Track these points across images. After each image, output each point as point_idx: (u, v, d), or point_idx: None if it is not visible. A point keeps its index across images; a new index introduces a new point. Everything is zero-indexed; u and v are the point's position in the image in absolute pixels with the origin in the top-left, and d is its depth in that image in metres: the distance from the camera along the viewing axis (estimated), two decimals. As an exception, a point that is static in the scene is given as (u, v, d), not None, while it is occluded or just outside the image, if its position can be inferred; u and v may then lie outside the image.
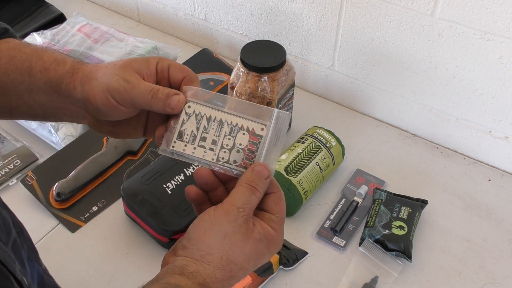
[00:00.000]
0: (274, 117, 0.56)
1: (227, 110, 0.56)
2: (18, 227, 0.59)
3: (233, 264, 0.51)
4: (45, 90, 0.57)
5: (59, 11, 1.25)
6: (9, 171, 0.93)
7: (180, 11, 1.24)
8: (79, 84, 0.56)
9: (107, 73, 0.55)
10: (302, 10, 1.03)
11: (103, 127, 0.59)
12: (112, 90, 0.54)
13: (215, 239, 0.50)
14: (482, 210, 0.90)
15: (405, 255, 0.81)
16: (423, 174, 0.96)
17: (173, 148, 0.55)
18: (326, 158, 0.90)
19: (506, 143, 0.95)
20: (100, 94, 0.55)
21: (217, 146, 0.55)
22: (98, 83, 0.55)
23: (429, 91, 0.98)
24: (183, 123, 0.56)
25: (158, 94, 0.54)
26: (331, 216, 0.88)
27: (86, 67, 0.57)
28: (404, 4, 0.90)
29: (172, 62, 0.58)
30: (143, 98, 0.54)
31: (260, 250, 0.52)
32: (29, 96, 0.58)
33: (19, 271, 0.51)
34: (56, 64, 0.57)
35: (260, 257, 0.53)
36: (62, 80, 0.57)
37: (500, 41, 0.84)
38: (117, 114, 0.56)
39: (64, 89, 0.57)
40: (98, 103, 0.55)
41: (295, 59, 1.12)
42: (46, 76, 0.57)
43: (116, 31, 1.16)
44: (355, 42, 1.00)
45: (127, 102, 0.55)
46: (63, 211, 0.88)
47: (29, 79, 0.57)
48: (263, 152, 0.55)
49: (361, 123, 1.07)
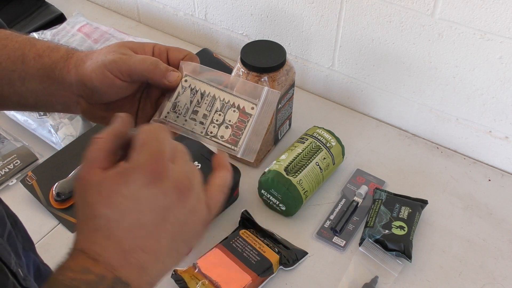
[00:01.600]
0: (263, 96, 0.58)
1: (222, 88, 0.58)
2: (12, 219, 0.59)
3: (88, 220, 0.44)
4: (38, 77, 0.57)
5: (59, 11, 1.25)
6: (9, 171, 0.93)
7: (180, 11, 1.24)
8: (73, 67, 0.56)
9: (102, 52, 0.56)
10: (302, 10, 1.03)
11: (96, 112, 0.59)
12: (108, 63, 0.54)
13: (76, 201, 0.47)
14: (482, 210, 0.90)
15: (405, 255, 0.81)
16: (423, 174, 0.96)
17: (165, 118, 0.57)
18: (326, 158, 0.90)
19: (506, 143, 0.95)
20: (95, 70, 0.54)
21: (207, 121, 0.57)
22: (93, 61, 0.55)
23: (429, 91, 0.98)
24: (178, 96, 0.58)
25: (159, 64, 0.55)
26: (331, 216, 0.88)
27: (80, 53, 0.57)
28: (404, 4, 0.90)
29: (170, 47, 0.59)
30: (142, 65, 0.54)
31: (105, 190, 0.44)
32: (21, 84, 0.57)
33: (14, 263, 0.51)
34: (49, 51, 0.57)
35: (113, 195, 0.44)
36: (56, 65, 0.56)
37: (500, 41, 0.84)
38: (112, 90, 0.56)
39: (57, 74, 0.56)
40: (93, 80, 0.55)
41: (295, 59, 1.12)
42: (39, 63, 0.56)
43: (116, 31, 1.16)
44: (355, 42, 1.00)
45: (124, 72, 0.54)
46: (63, 211, 0.88)
47: (21, 67, 0.56)
48: (249, 130, 0.57)
49: (361, 123, 1.07)
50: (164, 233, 0.45)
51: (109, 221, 0.43)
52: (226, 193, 0.51)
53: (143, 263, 0.44)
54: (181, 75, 0.58)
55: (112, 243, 0.43)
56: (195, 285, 0.74)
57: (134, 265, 0.43)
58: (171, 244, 0.45)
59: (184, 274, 0.76)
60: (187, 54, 0.59)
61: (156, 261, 0.44)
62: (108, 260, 0.42)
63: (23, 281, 0.51)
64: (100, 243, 0.43)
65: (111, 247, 0.43)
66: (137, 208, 0.44)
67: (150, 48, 0.58)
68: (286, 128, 1.02)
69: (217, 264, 0.77)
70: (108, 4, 1.37)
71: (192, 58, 0.59)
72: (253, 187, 0.91)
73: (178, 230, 0.46)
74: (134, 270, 0.43)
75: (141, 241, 0.44)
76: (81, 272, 0.41)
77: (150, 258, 0.44)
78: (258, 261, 0.78)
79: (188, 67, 0.58)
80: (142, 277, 0.44)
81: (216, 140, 0.57)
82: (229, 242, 0.81)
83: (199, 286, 0.74)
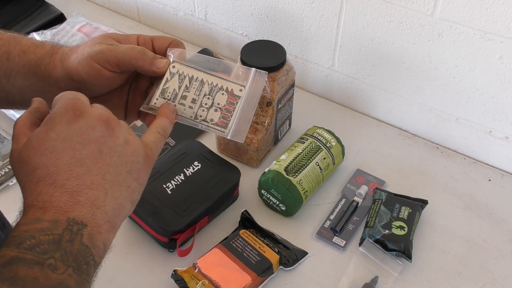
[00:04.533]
0: (251, 77, 0.59)
1: (210, 72, 0.59)
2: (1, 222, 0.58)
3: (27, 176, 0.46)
4: (23, 73, 0.57)
5: (59, 11, 1.25)
6: (9, 171, 0.93)
7: (180, 11, 1.24)
8: (59, 62, 0.56)
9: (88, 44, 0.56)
10: (302, 10, 1.03)
11: None
12: (95, 54, 0.54)
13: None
14: (482, 210, 0.90)
15: (405, 255, 0.81)
16: (423, 174, 0.96)
17: (154, 104, 0.58)
18: (326, 158, 0.90)
19: (506, 143, 0.95)
20: (81, 63, 0.55)
21: (196, 105, 0.58)
22: (78, 54, 0.55)
23: (429, 91, 0.98)
24: (166, 82, 0.58)
25: (146, 51, 0.56)
26: (331, 216, 0.88)
27: (65, 48, 0.58)
28: (404, 4, 0.90)
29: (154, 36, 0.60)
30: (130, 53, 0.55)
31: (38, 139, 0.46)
32: (7, 80, 0.57)
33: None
34: (34, 47, 0.57)
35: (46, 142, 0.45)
36: (41, 61, 0.57)
37: (500, 41, 0.84)
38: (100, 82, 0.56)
39: (43, 69, 0.56)
40: (80, 72, 0.55)
41: (295, 59, 1.12)
42: (24, 59, 0.57)
43: (116, 31, 1.16)
44: (355, 42, 1.00)
45: (112, 62, 0.55)
46: (63, 211, 0.88)
47: (7, 63, 0.56)
48: (238, 112, 0.58)
49: (361, 123, 1.07)
50: (105, 166, 0.46)
51: (47, 166, 0.44)
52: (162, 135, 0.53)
53: (94, 200, 0.44)
54: (169, 61, 0.58)
55: (57, 188, 0.43)
56: (195, 285, 0.74)
57: (84, 204, 0.44)
58: (116, 177, 0.46)
59: (184, 274, 0.76)
60: (172, 41, 0.59)
61: (106, 195, 0.45)
62: (57, 205, 0.43)
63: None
64: (45, 192, 0.43)
65: (57, 192, 0.43)
66: (69, 146, 0.45)
67: (135, 39, 0.59)
68: (286, 128, 1.02)
69: (217, 264, 0.77)
70: (108, 4, 1.37)
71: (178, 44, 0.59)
72: (253, 187, 0.91)
73: (118, 161, 0.47)
74: (86, 209, 0.44)
75: (84, 178, 0.44)
76: (33, 222, 0.42)
77: (99, 194, 0.45)
78: (258, 261, 0.78)
79: (175, 53, 0.59)
80: (96, 214, 0.44)
81: (206, 123, 0.58)
82: (229, 242, 0.81)
83: (199, 286, 0.74)
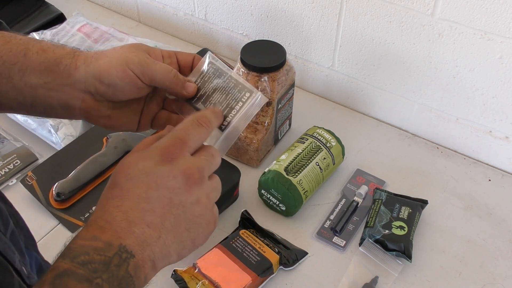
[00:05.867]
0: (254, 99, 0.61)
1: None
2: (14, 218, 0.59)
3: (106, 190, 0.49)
4: (39, 70, 0.56)
5: (59, 11, 1.25)
6: (9, 171, 0.93)
7: (180, 11, 1.24)
8: (82, 64, 0.57)
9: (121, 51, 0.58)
10: (302, 10, 1.03)
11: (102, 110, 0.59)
12: (132, 63, 0.56)
13: None
14: (482, 210, 0.90)
15: (405, 255, 0.81)
16: (423, 174, 0.96)
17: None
18: (326, 158, 0.90)
19: (506, 143, 0.95)
20: (116, 68, 0.56)
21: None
22: (112, 58, 0.57)
23: (429, 91, 0.98)
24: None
25: (178, 75, 0.59)
26: (331, 216, 0.88)
27: (87, 52, 0.59)
28: (404, 4, 0.90)
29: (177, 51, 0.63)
30: (165, 74, 0.58)
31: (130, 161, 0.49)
32: (20, 78, 0.56)
33: (18, 261, 0.51)
34: (55, 47, 0.58)
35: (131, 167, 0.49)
36: (61, 60, 0.57)
37: (500, 41, 0.84)
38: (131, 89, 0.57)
39: (62, 69, 0.56)
40: (114, 77, 0.56)
41: (295, 59, 1.12)
42: (43, 57, 0.57)
43: (116, 31, 1.16)
44: (355, 42, 1.00)
45: (146, 75, 0.57)
46: (63, 211, 0.88)
47: (23, 60, 0.56)
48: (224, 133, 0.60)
49: (361, 123, 1.07)
50: (168, 214, 0.48)
51: (122, 190, 0.47)
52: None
53: (147, 237, 0.46)
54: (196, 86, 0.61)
55: (121, 212, 0.46)
56: (195, 285, 0.74)
57: (138, 237, 0.46)
58: (174, 228, 0.48)
59: (184, 274, 0.76)
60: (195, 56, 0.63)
61: (159, 238, 0.47)
62: (115, 228, 0.45)
63: (27, 279, 0.52)
64: (110, 212, 0.46)
65: (119, 216, 0.46)
66: (146, 181, 0.47)
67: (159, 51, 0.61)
68: (286, 128, 1.02)
69: (217, 264, 0.77)
70: (108, 4, 1.37)
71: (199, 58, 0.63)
72: (253, 187, 0.91)
73: (182, 216, 0.49)
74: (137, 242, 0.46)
75: (146, 215, 0.47)
76: (90, 239, 0.45)
77: (153, 234, 0.47)
78: (258, 261, 0.78)
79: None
80: (145, 251, 0.46)
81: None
82: (229, 242, 0.81)
83: (199, 286, 0.74)
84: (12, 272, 0.48)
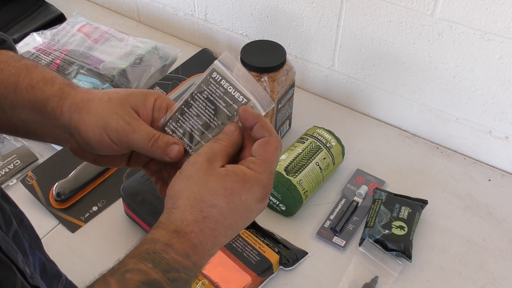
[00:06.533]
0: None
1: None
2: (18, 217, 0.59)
3: (201, 202, 0.49)
4: (29, 108, 0.56)
5: (59, 11, 1.25)
6: (9, 171, 0.93)
7: (180, 11, 1.24)
8: (67, 111, 0.55)
9: (103, 108, 0.54)
10: (302, 10, 1.03)
11: (86, 155, 0.58)
12: (109, 130, 0.53)
13: (181, 184, 0.51)
14: (482, 210, 0.90)
15: (405, 255, 0.81)
16: (423, 174, 0.96)
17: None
18: (326, 158, 0.90)
19: (506, 143, 0.95)
20: (94, 129, 0.53)
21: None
22: (92, 117, 0.54)
23: (429, 91, 0.98)
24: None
25: (158, 142, 0.54)
26: (331, 216, 0.88)
27: (75, 93, 0.56)
28: (404, 4, 0.90)
29: (171, 102, 0.58)
30: (142, 144, 0.54)
31: (229, 186, 0.50)
32: (12, 112, 0.56)
33: (22, 261, 0.51)
34: (43, 83, 0.56)
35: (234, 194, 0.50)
36: (47, 102, 0.55)
37: (500, 41, 0.84)
38: (107, 150, 0.55)
39: (49, 111, 0.55)
40: (91, 138, 0.54)
41: (295, 59, 1.12)
42: (31, 95, 0.55)
43: (116, 31, 1.16)
44: (355, 42, 1.00)
45: (123, 143, 0.54)
46: (63, 211, 0.88)
47: (13, 95, 0.55)
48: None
49: (361, 123, 1.07)
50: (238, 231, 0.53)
51: (220, 214, 0.49)
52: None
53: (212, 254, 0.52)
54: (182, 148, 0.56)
55: (212, 236, 0.49)
56: (195, 285, 0.74)
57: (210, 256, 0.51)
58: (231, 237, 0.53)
59: (184, 274, 0.76)
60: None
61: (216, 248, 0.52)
62: (203, 250, 0.49)
63: (30, 279, 0.52)
64: (205, 233, 0.49)
65: (210, 239, 0.49)
66: (242, 214, 0.51)
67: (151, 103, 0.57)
68: (286, 128, 1.02)
69: (217, 264, 0.77)
70: (108, 4, 1.37)
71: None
72: (253, 187, 0.91)
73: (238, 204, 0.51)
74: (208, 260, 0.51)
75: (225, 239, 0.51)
76: (183, 256, 0.47)
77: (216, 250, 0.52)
78: (258, 261, 0.78)
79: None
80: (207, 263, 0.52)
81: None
82: (229, 242, 0.81)
83: (199, 286, 0.74)
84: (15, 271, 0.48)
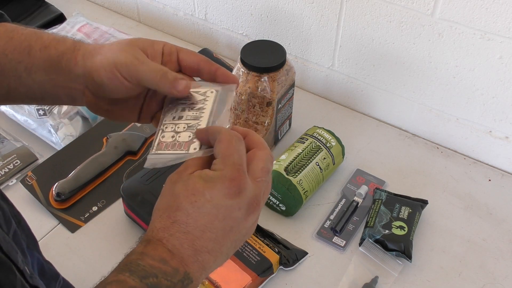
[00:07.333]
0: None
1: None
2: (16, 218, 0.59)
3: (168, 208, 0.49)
4: (44, 68, 0.57)
5: (59, 11, 1.25)
6: (9, 171, 0.93)
7: (180, 11, 1.24)
8: (81, 59, 0.56)
9: (113, 49, 0.56)
10: (302, 10, 1.03)
11: (101, 105, 0.59)
12: (119, 64, 0.55)
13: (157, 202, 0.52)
14: (482, 210, 0.90)
15: (405, 255, 0.81)
16: (423, 174, 0.96)
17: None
18: (326, 158, 0.90)
19: (506, 143, 0.95)
20: (105, 68, 0.55)
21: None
22: (103, 57, 0.55)
23: (429, 91, 0.98)
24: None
25: (167, 74, 0.55)
26: (331, 216, 0.88)
27: (88, 45, 0.58)
28: (404, 4, 0.90)
29: (180, 47, 0.59)
30: (152, 75, 0.55)
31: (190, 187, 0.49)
32: (27, 75, 0.57)
33: (21, 261, 0.51)
34: (56, 42, 0.57)
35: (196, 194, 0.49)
36: (62, 56, 0.57)
37: (500, 41, 0.84)
38: (120, 90, 0.56)
39: (64, 65, 0.56)
40: (103, 77, 0.55)
41: (295, 59, 1.12)
42: (46, 54, 0.57)
43: (116, 31, 1.16)
44: (355, 42, 1.00)
45: (134, 77, 0.55)
46: (63, 211, 0.88)
47: (28, 58, 0.57)
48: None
49: (361, 123, 1.07)
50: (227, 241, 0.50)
51: (188, 217, 0.48)
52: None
53: (206, 263, 0.49)
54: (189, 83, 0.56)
55: (188, 240, 0.48)
56: (195, 285, 0.74)
57: (199, 264, 0.49)
58: (229, 251, 0.52)
59: (184, 274, 0.76)
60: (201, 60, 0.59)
61: (214, 262, 0.50)
62: (182, 255, 0.48)
63: (30, 278, 0.52)
64: (177, 237, 0.48)
65: (186, 243, 0.48)
66: (213, 213, 0.49)
67: (160, 47, 0.58)
68: (286, 128, 1.02)
69: (217, 264, 0.77)
70: (108, 4, 1.37)
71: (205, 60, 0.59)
72: (253, 187, 0.91)
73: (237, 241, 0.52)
74: (198, 269, 0.49)
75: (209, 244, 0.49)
76: (159, 261, 0.47)
77: (211, 259, 0.50)
78: (258, 261, 0.78)
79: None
80: (202, 275, 0.49)
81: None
82: (229, 242, 0.81)
83: (198, 286, 0.74)
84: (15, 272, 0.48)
